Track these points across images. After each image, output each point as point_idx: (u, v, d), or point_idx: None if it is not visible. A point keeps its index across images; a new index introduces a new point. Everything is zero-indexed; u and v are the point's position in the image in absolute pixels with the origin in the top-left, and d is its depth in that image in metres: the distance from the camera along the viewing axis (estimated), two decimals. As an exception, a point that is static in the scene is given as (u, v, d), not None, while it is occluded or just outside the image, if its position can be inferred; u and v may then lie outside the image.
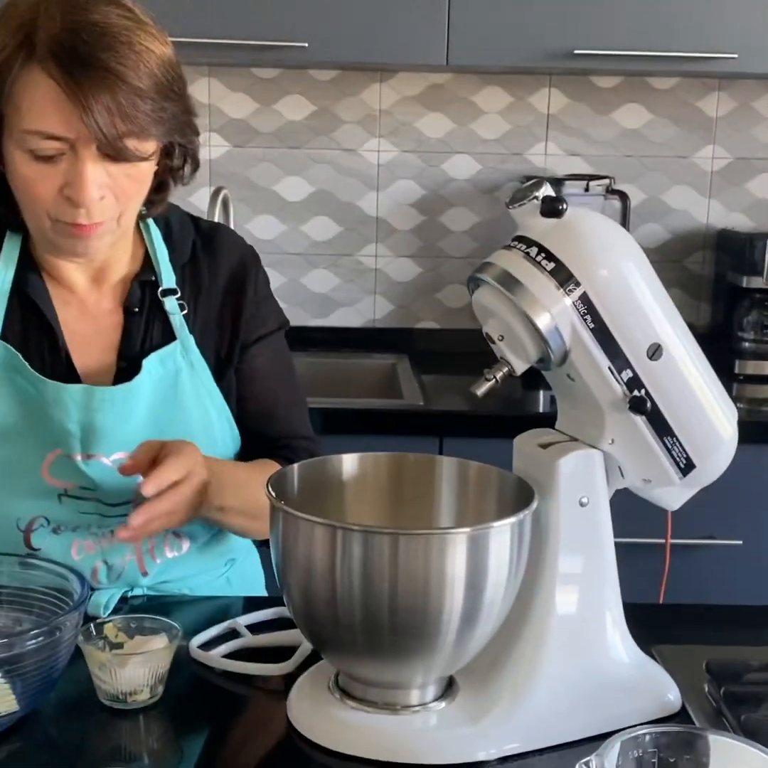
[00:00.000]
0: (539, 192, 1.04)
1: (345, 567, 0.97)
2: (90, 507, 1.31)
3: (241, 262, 1.42)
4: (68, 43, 1.14)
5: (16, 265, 1.31)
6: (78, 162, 1.17)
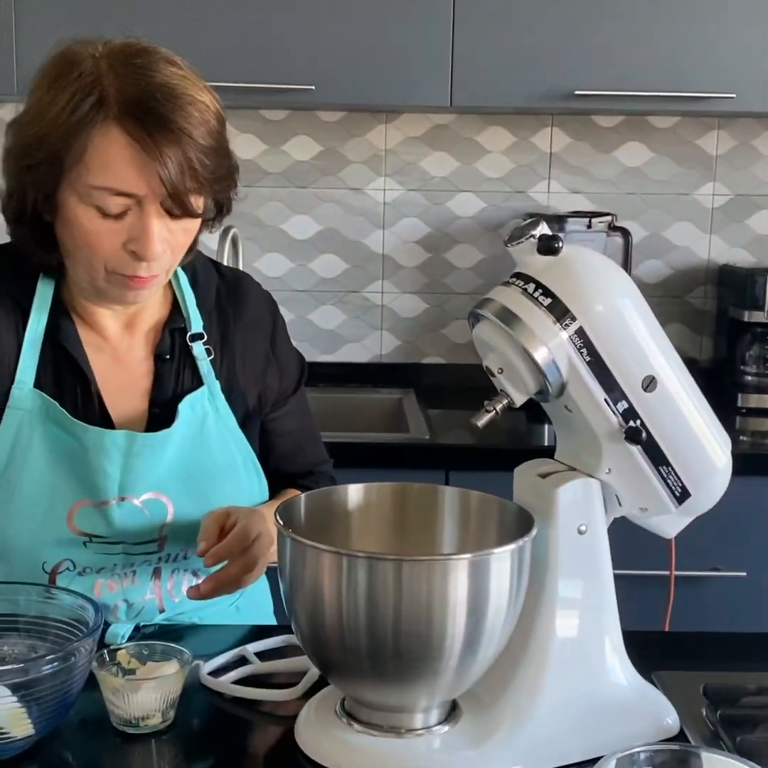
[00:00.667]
0: (536, 230, 1.08)
1: (350, 593, 1.00)
2: (116, 548, 1.33)
3: (264, 311, 1.47)
4: (144, 104, 1.18)
5: (49, 312, 1.33)
6: (144, 218, 1.21)
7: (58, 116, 1.19)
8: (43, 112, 1.21)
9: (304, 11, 2.36)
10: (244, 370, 1.43)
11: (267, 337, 1.46)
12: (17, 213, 1.28)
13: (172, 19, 2.33)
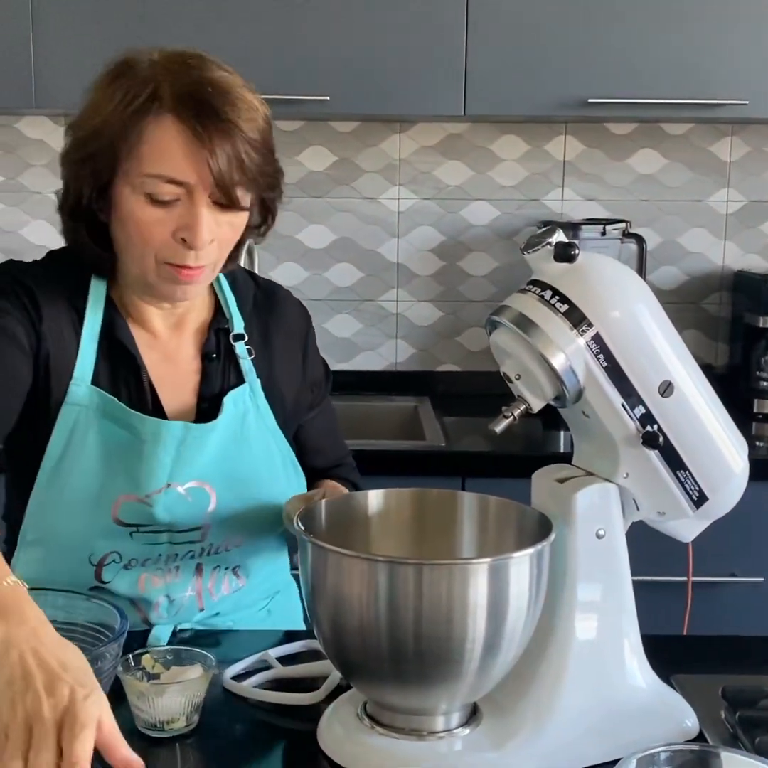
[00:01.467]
0: (552, 238, 1.09)
1: (372, 597, 1.02)
2: (161, 538, 1.37)
3: (299, 320, 1.54)
4: (197, 96, 1.25)
5: (103, 312, 1.38)
6: (194, 207, 1.26)
7: (114, 109, 1.25)
8: (100, 107, 1.27)
9: (318, 22, 2.37)
10: (283, 375, 1.49)
11: (301, 345, 1.52)
12: (73, 209, 1.32)
13: (187, 32, 2.35)
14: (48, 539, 1.36)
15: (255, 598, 1.48)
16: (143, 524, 1.35)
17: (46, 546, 1.37)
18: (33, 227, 2.80)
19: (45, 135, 2.76)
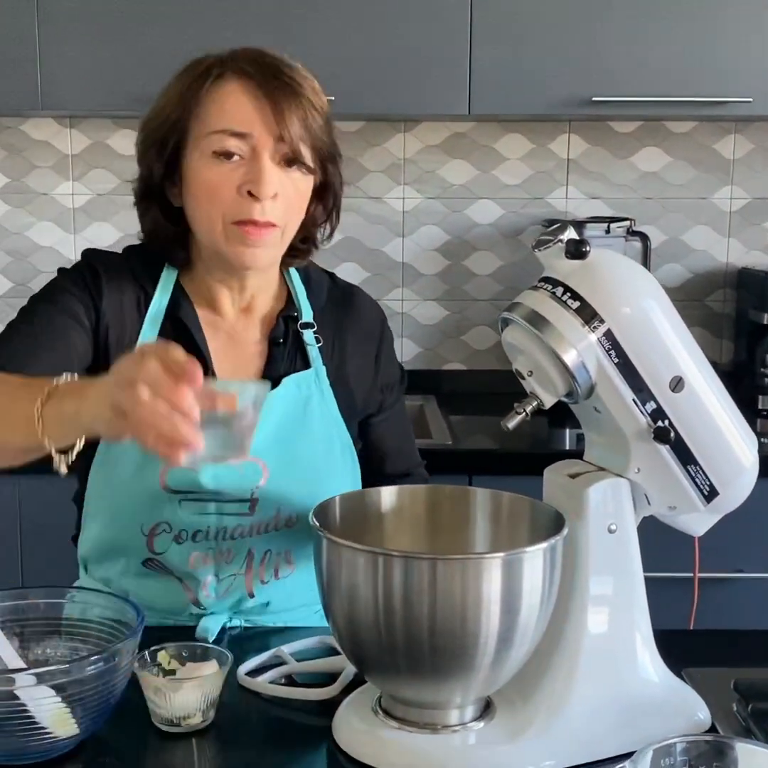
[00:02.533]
0: (564, 235, 1.10)
1: (386, 592, 1.02)
2: (209, 507, 1.38)
3: (375, 322, 1.56)
4: (262, 60, 1.34)
5: (170, 295, 1.43)
6: (258, 161, 1.31)
7: (179, 92, 1.34)
8: (166, 93, 1.36)
9: (322, 22, 2.38)
10: (354, 371, 1.51)
11: (375, 346, 1.55)
12: (148, 193, 1.39)
13: (193, 34, 2.36)
14: (105, 510, 1.41)
15: (306, 591, 1.44)
16: (191, 491, 1.37)
17: (103, 519, 1.41)
18: (38, 228, 2.80)
19: (50, 137, 2.77)
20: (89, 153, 2.78)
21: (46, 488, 2.17)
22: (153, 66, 2.41)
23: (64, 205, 2.80)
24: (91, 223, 2.80)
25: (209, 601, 1.41)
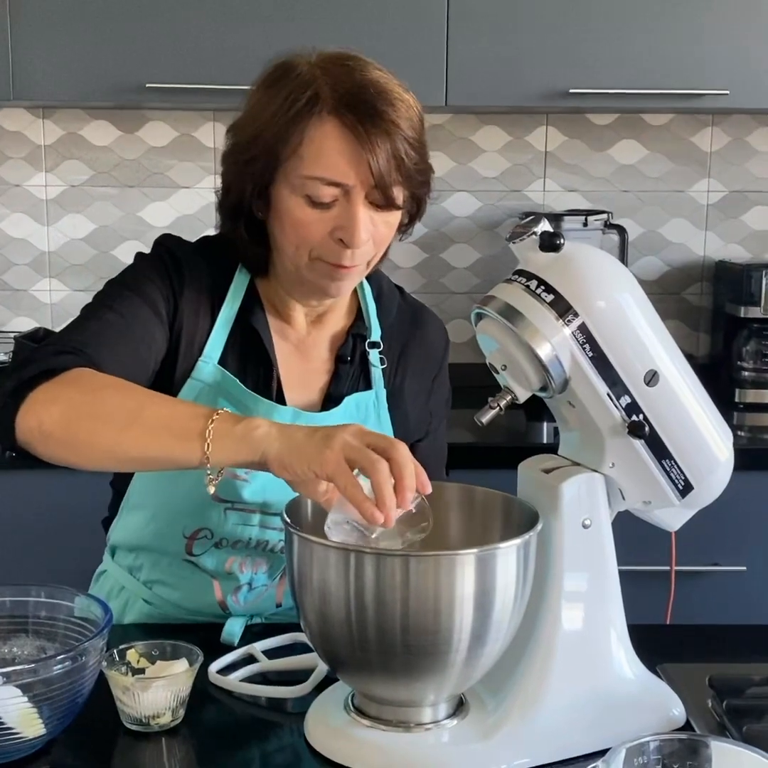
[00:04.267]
0: (538, 228, 1.09)
1: (358, 589, 1.01)
2: (253, 519, 1.38)
3: (440, 343, 1.55)
4: (358, 97, 1.27)
5: (242, 300, 1.40)
6: (351, 208, 1.28)
7: (275, 113, 1.27)
8: (261, 111, 1.30)
9: (297, 12, 2.36)
10: (411, 392, 1.50)
11: (436, 368, 1.54)
12: (233, 208, 1.36)
13: (166, 24, 2.34)
14: (149, 506, 1.40)
15: None
16: (237, 501, 1.36)
17: (146, 512, 1.40)
18: (12, 220, 2.77)
19: (23, 127, 2.73)
20: (62, 144, 2.74)
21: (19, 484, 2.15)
22: (127, 56, 2.39)
23: (37, 197, 2.77)
24: (65, 214, 2.77)
25: (236, 607, 1.41)
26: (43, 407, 1.17)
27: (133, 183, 2.76)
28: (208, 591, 1.40)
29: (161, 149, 2.71)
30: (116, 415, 1.16)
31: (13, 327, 2.76)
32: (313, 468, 1.06)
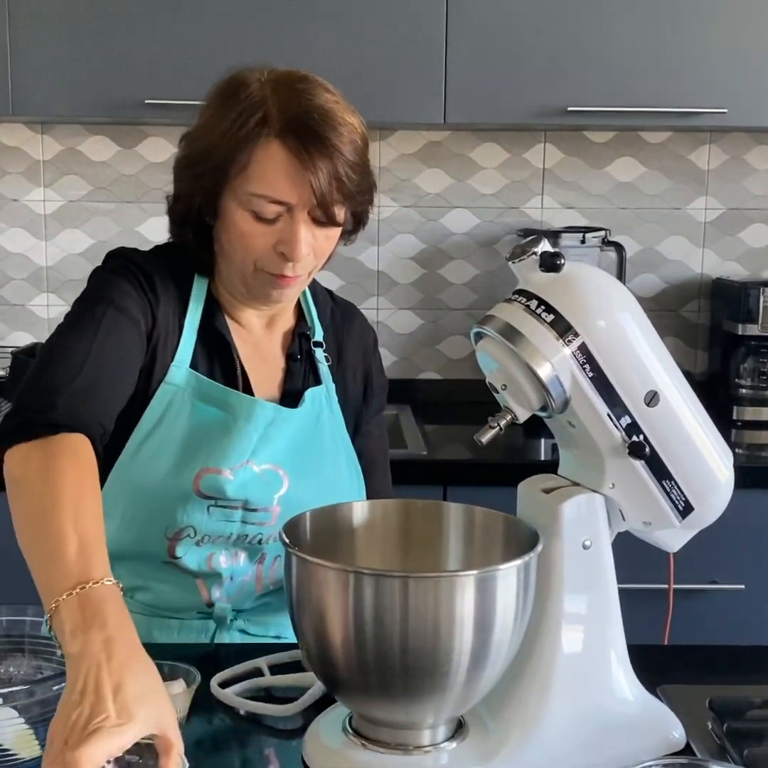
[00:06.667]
0: (538, 248, 1.09)
1: (357, 610, 1.00)
2: (235, 515, 1.42)
3: (368, 337, 1.63)
4: (303, 123, 1.33)
5: (204, 305, 1.46)
6: (294, 224, 1.35)
7: (225, 132, 1.34)
8: (213, 128, 1.36)
9: (297, 29, 2.37)
10: (352, 390, 1.57)
11: (370, 358, 1.62)
12: (183, 215, 1.43)
13: (165, 42, 2.34)
14: (124, 514, 1.40)
15: None
16: (220, 498, 1.40)
17: (120, 521, 1.40)
18: (9, 235, 2.77)
19: (22, 142, 2.74)
20: (61, 159, 2.75)
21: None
22: (126, 72, 2.39)
23: (35, 212, 2.77)
24: (63, 229, 2.77)
25: (222, 602, 1.44)
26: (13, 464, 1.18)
27: (132, 198, 2.76)
28: (192, 591, 1.43)
29: (160, 165, 2.72)
30: (26, 521, 1.10)
31: (11, 342, 2.76)
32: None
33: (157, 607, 1.44)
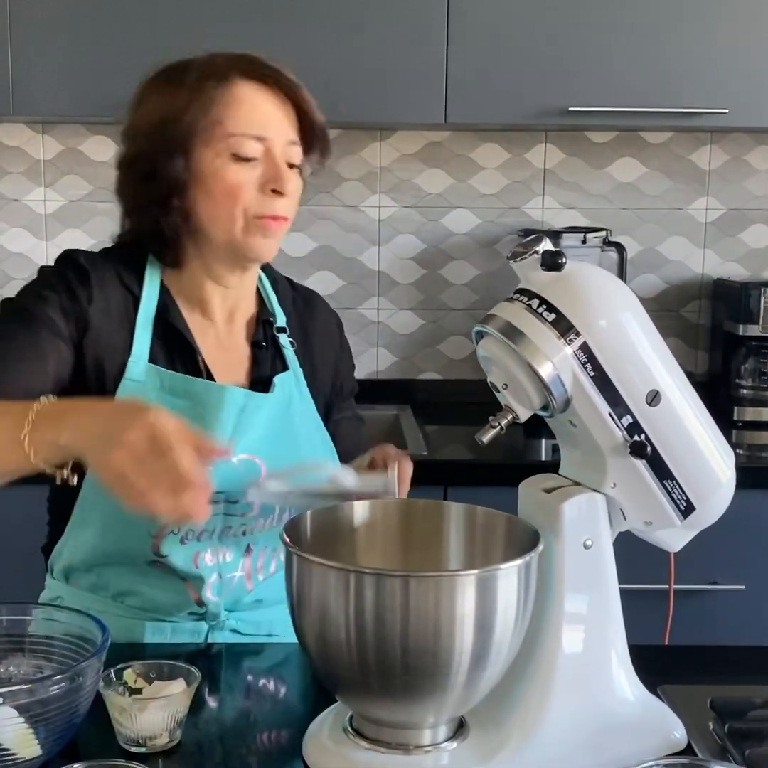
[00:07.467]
0: (539, 247, 1.08)
1: (358, 609, 1.00)
2: (217, 508, 1.39)
3: (333, 322, 1.65)
4: (262, 63, 1.41)
5: (158, 299, 1.45)
6: (275, 160, 1.39)
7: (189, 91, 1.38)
8: (173, 96, 1.39)
9: (297, 30, 2.37)
10: (322, 370, 1.58)
11: (336, 342, 1.63)
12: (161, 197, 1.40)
13: (166, 41, 2.34)
14: (104, 517, 1.39)
15: None
16: None
17: (101, 525, 1.40)
18: (10, 235, 2.77)
19: (22, 142, 2.73)
20: (61, 159, 2.74)
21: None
22: (126, 72, 2.38)
23: (35, 212, 2.77)
24: (64, 229, 2.77)
25: (212, 600, 1.43)
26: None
27: (132, 198, 2.76)
28: (181, 592, 1.42)
29: (160, 165, 2.71)
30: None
31: (11, 342, 2.75)
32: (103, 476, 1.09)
33: (147, 610, 1.43)
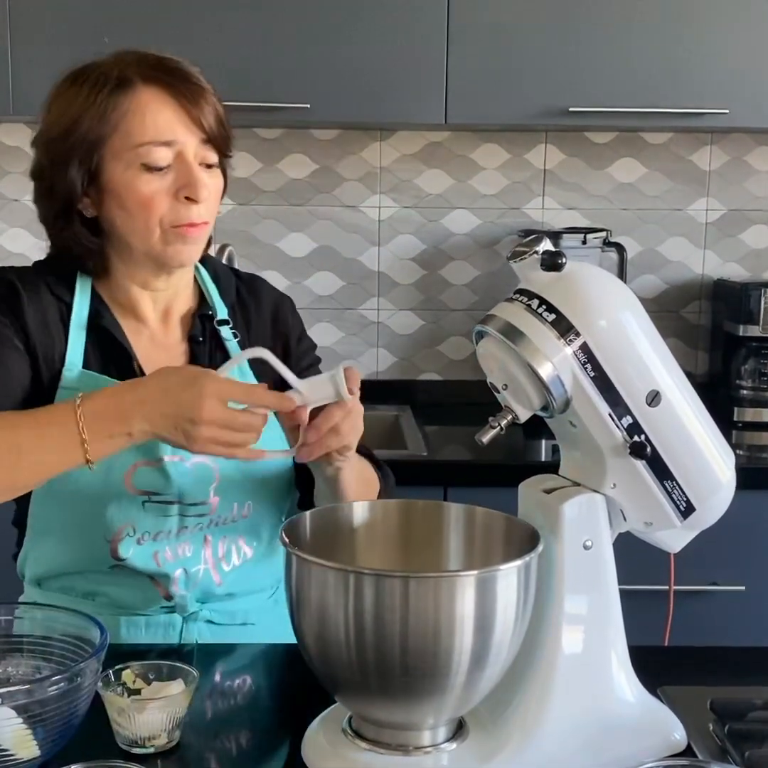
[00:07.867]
0: (539, 247, 1.08)
1: (357, 610, 1.00)
2: (172, 509, 1.40)
3: (281, 305, 1.60)
4: (166, 65, 1.38)
5: (89, 306, 1.43)
6: (187, 165, 1.36)
7: (86, 100, 1.34)
8: (70, 104, 1.36)
9: (298, 30, 2.36)
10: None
11: (284, 326, 1.58)
12: (65, 211, 1.39)
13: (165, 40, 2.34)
14: (59, 527, 1.39)
15: (263, 576, 1.49)
16: (155, 492, 1.39)
17: (58, 535, 1.40)
18: (10, 235, 2.77)
19: (22, 142, 2.73)
20: (61, 159, 2.74)
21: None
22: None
23: (35, 212, 2.75)
24: (63, 229, 2.76)
25: (181, 594, 1.42)
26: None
27: (132, 198, 2.76)
28: (149, 589, 1.42)
29: (160, 165, 2.71)
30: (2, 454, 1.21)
31: (10, 342, 2.75)
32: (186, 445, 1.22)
33: (118, 607, 1.42)
